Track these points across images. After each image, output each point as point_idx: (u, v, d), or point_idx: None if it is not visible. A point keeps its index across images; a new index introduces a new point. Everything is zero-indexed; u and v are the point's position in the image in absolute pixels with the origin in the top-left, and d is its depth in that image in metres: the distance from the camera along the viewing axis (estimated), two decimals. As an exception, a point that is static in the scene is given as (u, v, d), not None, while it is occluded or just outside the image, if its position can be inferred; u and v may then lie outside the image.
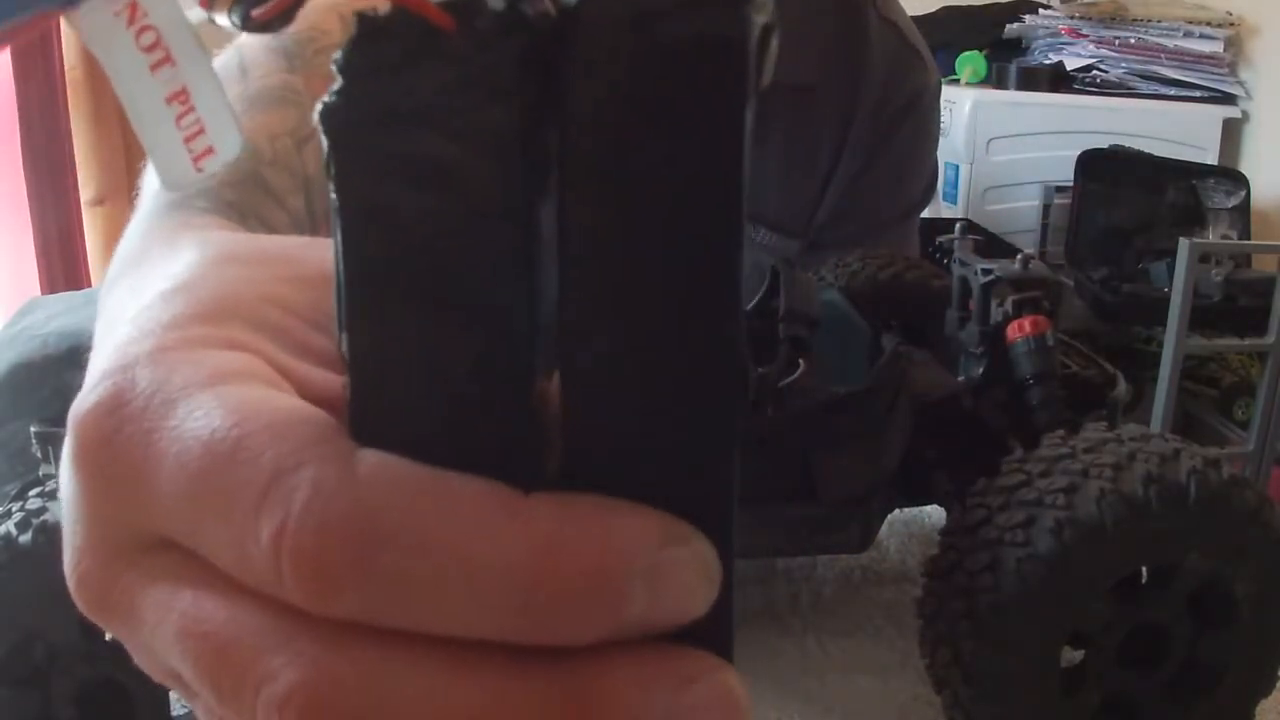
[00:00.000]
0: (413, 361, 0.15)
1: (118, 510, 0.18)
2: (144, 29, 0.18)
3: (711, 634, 0.16)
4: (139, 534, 0.18)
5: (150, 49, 0.19)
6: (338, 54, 0.15)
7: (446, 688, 0.15)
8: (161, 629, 0.17)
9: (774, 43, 0.15)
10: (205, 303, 0.20)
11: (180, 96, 0.19)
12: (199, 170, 0.20)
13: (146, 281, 0.22)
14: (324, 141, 0.15)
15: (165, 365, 0.18)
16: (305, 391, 0.18)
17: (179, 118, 0.19)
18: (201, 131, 0.19)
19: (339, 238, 0.15)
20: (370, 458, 0.15)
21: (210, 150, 0.20)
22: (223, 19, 0.17)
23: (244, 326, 0.19)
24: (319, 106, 0.15)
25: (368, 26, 0.14)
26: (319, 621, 0.15)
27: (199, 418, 0.17)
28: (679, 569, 0.15)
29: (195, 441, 0.16)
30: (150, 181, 0.34)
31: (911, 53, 0.88)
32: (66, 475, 0.19)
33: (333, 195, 0.15)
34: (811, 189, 0.88)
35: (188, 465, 0.16)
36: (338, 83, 0.15)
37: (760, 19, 0.14)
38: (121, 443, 0.17)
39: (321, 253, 0.21)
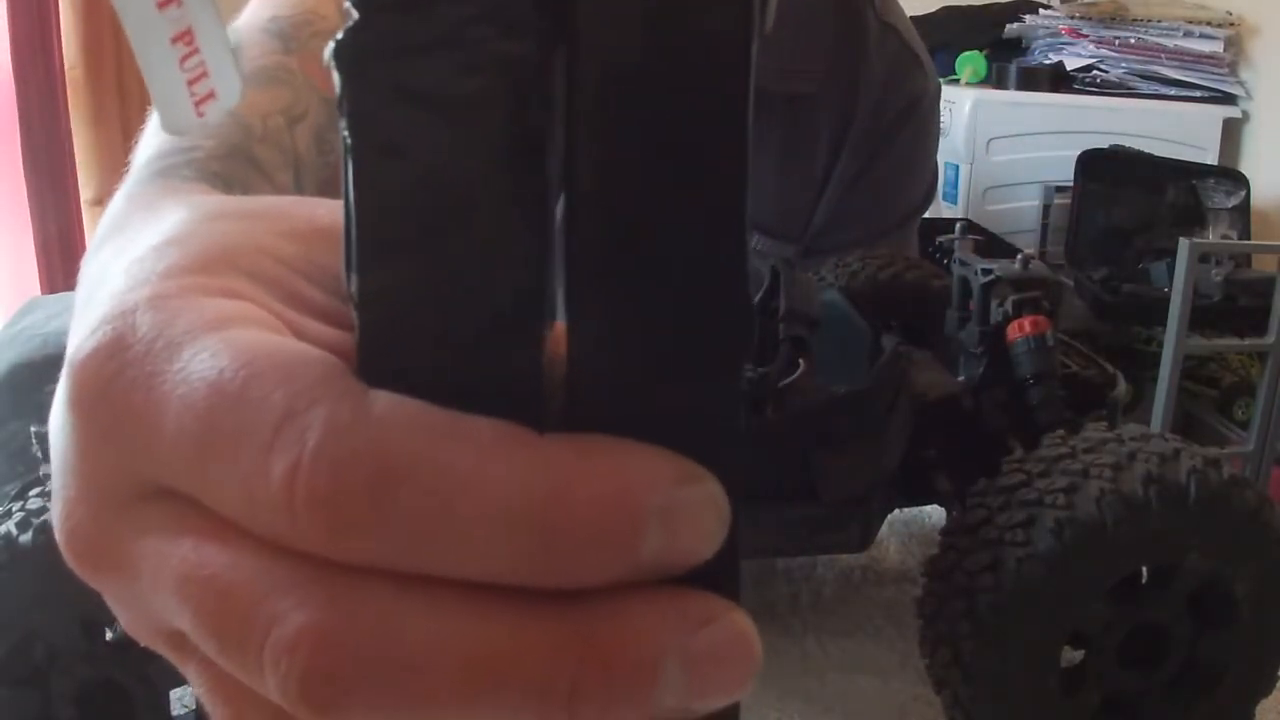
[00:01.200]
0: (423, 301, 0.15)
1: (116, 458, 0.17)
2: None
3: (721, 577, 0.16)
4: (136, 483, 0.17)
5: None
6: None
7: (460, 631, 0.15)
8: (159, 579, 0.16)
9: None
10: (199, 254, 0.19)
11: (185, 37, 0.19)
12: (200, 115, 0.19)
13: (133, 241, 0.21)
14: (336, 77, 0.15)
15: (167, 310, 0.17)
16: (304, 341, 0.18)
17: (183, 59, 0.19)
18: (205, 75, 0.19)
19: (350, 176, 0.15)
20: (383, 397, 0.15)
21: (212, 94, 0.19)
22: None
23: (240, 277, 0.19)
24: (331, 43, 0.14)
25: None
26: (329, 565, 0.15)
27: (205, 360, 0.16)
28: (693, 508, 0.15)
29: (202, 383, 0.16)
30: (139, 155, 0.33)
31: (911, 57, 0.88)
32: (60, 424, 0.18)
33: (344, 133, 0.15)
34: (808, 193, 0.88)
35: (194, 406, 0.16)
36: (352, 18, 0.14)
37: None
38: (123, 387, 0.17)
39: (311, 209, 0.21)
